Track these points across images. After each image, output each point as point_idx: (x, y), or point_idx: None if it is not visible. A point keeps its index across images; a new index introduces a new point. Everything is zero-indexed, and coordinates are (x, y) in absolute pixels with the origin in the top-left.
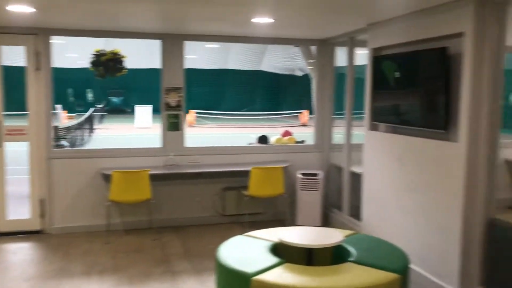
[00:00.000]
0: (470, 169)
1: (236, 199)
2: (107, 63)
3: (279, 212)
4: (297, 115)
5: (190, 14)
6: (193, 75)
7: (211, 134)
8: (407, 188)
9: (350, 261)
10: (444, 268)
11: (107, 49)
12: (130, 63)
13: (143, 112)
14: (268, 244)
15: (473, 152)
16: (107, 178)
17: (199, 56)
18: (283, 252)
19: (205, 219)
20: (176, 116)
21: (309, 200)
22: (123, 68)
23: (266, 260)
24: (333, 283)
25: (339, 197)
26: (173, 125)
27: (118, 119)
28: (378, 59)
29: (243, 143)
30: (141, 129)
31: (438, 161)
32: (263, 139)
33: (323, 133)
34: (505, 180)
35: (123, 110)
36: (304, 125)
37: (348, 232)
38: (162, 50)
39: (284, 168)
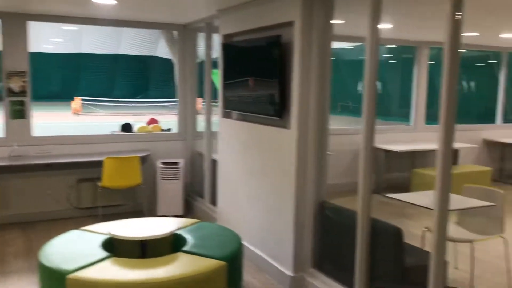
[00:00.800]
0: (300, 155)
1: (93, 191)
2: None
3: (139, 203)
4: None
5: None
6: (83, 59)
7: (94, 123)
8: (251, 173)
9: (182, 251)
10: (281, 251)
11: None
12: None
13: None
14: (102, 238)
15: (303, 138)
16: None
17: (91, 39)
18: (118, 246)
19: (58, 213)
20: (21, 103)
21: (170, 189)
22: None
23: (92, 255)
24: (154, 275)
25: (202, 185)
26: (17, 113)
27: None
28: (226, 46)
29: (106, 131)
30: None
31: (275, 148)
32: (126, 127)
33: (186, 121)
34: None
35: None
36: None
37: (192, 221)
38: (3, 31)
39: (144, 157)
